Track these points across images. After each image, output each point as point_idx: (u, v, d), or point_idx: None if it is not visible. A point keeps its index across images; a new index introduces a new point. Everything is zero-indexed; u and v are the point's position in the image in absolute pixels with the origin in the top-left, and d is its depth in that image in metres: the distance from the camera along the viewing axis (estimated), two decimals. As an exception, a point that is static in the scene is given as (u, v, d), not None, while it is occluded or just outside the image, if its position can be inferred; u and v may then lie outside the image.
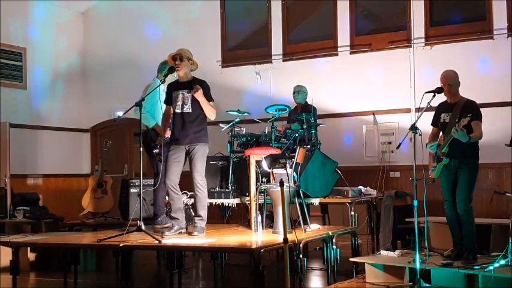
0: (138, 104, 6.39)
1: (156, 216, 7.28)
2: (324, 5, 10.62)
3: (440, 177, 6.18)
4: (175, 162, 6.58)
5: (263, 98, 10.34)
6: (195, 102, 6.56)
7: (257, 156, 7.13)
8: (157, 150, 6.77)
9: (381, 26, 10.39)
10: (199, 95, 6.46)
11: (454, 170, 6.10)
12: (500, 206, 7.24)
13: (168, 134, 6.81)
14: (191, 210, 7.20)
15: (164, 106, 6.75)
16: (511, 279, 5.40)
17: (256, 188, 7.06)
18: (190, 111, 6.57)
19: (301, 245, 5.74)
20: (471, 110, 6.00)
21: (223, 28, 11.23)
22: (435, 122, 6.33)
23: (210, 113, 6.61)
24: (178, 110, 6.60)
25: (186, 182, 6.77)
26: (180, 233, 6.55)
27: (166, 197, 6.93)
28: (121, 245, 5.87)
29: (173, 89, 6.70)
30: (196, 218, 6.59)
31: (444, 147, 6.04)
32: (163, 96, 6.85)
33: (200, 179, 6.56)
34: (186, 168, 6.68)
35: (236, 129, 8.07)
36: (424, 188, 5.79)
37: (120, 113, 8.02)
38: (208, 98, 6.60)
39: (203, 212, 6.62)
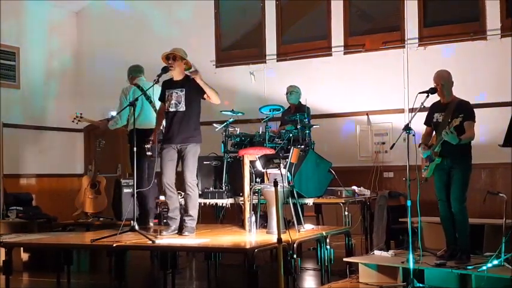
0: (132, 104, 6.40)
1: (149, 215, 7.32)
2: (318, 5, 10.62)
3: (434, 176, 6.21)
4: (170, 161, 6.59)
5: (257, 98, 10.34)
6: (189, 101, 6.58)
7: (251, 156, 7.13)
8: (149, 146, 6.74)
9: (375, 27, 10.40)
10: (198, 78, 6.47)
11: (447, 170, 6.12)
12: (494, 206, 7.24)
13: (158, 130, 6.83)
14: (183, 211, 7.19)
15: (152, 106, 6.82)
16: (504, 279, 5.42)
17: (250, 188, 7.06)
18: (183, 109, 6.58)
19: (295, 245, 5.75)
20: (464, 111, 6.02)
21: (217, 28, 11.23)
22: (428, 122, 6.35)
23: (214, 96, 6.61)
24: (172, 109, 6.61)
25: (178, 182, 6.76)
26: (177, 232, 6.56)
27: (162, 197, 6.95)
28: (114, 245, 5.86)
29: (167, 87, 6.72)
30: (186, 218, 6.59)
31: (436, 146, 6.07)
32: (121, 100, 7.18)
33: (192, 179, 6.57)
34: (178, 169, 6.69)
35: (230, 129, 8.07)
36: (418, 188, 5.80)
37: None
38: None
39: (194, 212, 6.62)
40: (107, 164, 11.01)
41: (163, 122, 6.87)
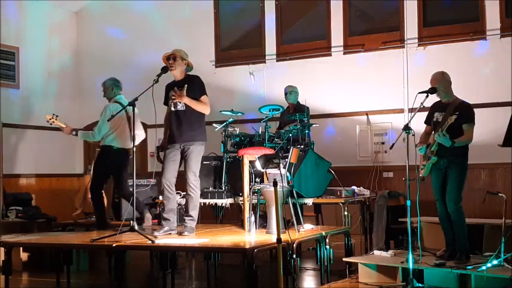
0: (132, 104, 6.39)
1: (142, 214, 7.39)
2: (317, 5, 10.63)
3: (431, 176, 6.21)
4: (172, 162, 6.59)
5: (257, 98, 10.34)
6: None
7: (251, 156, 7.13)
8: (156, 152, 6.82)
9: (374, 27, 10.41)
10: (183, 99, 6.47)
11: (443, 170, 6.13)
12: (493, 206, 7.26)
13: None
14: (183, 211, 7.21)
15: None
16: (503, 279, 5.42)
17: (250, 188, 7.06)
18: (183, 109, 6.58)
19: (294, 245, 5.75)
20: (463, 112, 6.03)
21: (216, 28, 11.23)
22: (428, 120, 6.35)
23: (203, 110, 6.62)
24: (172, 109, 6.63)
25: (180, 182, 6.77)
26: (170, 234, 6.55)
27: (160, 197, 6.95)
28: (114, 245, 5.86)
29: (169, 88, 6.73)
30: (186, 218, 6.59)
31: (433, 145, 6.07)
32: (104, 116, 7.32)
33: (194, 179, 6.56)
34: (180, 168, 6.69)
35: (229, 129, 8.07)
36: (417, 188, 5.81)
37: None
38: (201, 92, 6.62)
39: (194, 212, 6.62)
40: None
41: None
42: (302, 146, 7.70)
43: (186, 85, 6.52)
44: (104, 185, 7.88)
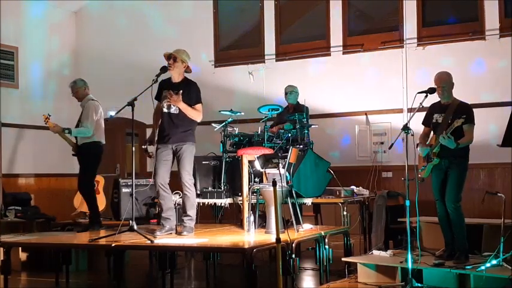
0: (131, 104, 6.39)
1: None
2: (317, 5, 10.62)
3: (431, 176, 6.22)
4: (164, 161, 6.59)
5: (256, 98, 10.33)
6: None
7: (250, 156, 7.13)
8: (145, 147, 6.81)
9: (374, 27, 10.41)
10: (178, 104, 6.48)
11: (444, 170, 6.14)
12: (492, 206, 7.27)
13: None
14: (181, 211, 7.20)
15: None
16: (502, 279, 5.42)
17: (249, 188, 7.06)
18: (177, 112, 6.58)
19: (293, 245, 5.75)
20: (464, 113, 6.03)
21: (215, 28, 11.23)
22: (427, 122, 6.36)
23: (195, 117, 6.64)
24: (165, 110, 6.64)
25: (175, 182, 6.77)
26: (170, 233, 6.55)
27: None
28: (113, 245, 5.86)
29: (164, 87, 6.72)
30: (185, 218, 6.59)
31: (435, 147, 6.08)
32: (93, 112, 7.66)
33: (188, 178, 6.57)
34: (174, 168, 6.68)
35: (229, 129, 8.07)
36: (416, 188, 5.81)
37: (112, 113, 8.02)
38: (196, 100, 6.63)
39: (192, 212, 6.62)
40: (106, 163, 10.97)
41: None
42: (301, 146, 7.71)
43: (181, 91, 6.51)
44: (93, 182, 7.97)
